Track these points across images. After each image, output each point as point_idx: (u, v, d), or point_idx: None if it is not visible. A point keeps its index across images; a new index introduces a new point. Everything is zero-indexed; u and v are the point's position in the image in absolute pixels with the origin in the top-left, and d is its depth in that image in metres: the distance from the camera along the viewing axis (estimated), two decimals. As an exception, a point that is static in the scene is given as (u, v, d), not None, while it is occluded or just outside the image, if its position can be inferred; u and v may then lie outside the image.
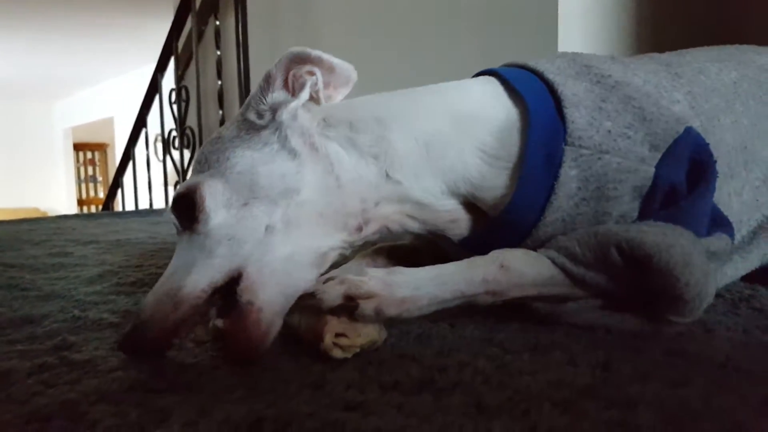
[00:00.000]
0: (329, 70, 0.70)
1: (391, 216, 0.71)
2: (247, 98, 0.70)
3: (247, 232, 0.61)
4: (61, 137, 8.84)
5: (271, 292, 0.59)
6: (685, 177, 0.67)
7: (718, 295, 0.72)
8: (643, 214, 0.67)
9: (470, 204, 0.72)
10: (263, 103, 0.68)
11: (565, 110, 0.68)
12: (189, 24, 3.27)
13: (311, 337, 0.59)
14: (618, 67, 0.74)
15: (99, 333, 0.69)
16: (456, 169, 0.70)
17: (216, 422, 0.45)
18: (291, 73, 0.69)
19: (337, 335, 0.58)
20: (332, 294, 0.60)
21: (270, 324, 0.58)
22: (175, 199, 0.62)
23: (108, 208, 4.33)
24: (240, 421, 0.45)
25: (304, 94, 0.69)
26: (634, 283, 0.63)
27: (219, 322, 0.58)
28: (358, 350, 0.58)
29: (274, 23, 2.98)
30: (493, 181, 0.69)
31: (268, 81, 0.69)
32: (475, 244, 0.73)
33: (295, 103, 0.68)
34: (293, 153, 0.66)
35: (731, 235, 0.70)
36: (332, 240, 0.67)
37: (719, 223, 0.70)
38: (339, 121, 0.70)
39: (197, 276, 0.59)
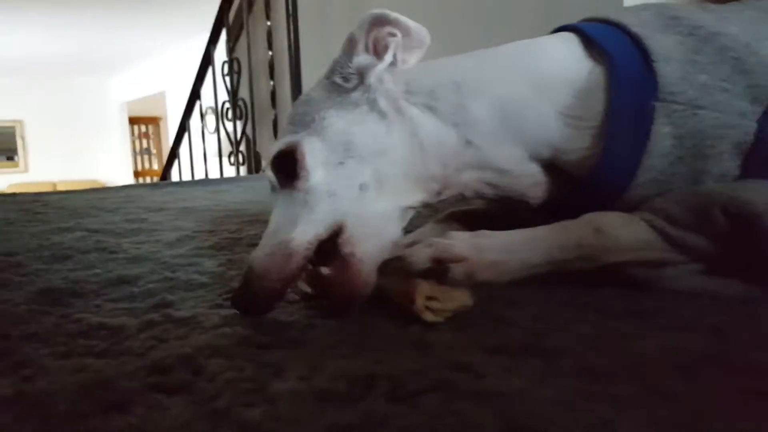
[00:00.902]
0: (405, 32, 0.69)
1: (470, 183, 0.71)
2: (332, 62, 0.70)
3: (345, 188, 0.62)
4: (117, 111, 9.09)
5: (369, 244, 0.60)
6: None
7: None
8: (746, 172, 0.64)
9: (553, 166, 0.70)
10: (349, 67, 0.68)
11: (654, 64, 0.65)
12: (241, -5, 3.28)
13: (402, 300, 0.59)
14: (710, 17, 0.70)
15: (193, 293, 0.71)
16: (537, 134, 0.68)
17: (329, 376, 0.46)
18: (372, 35, 0.69)
19: (428, 298, 0.58)
20: (421, 256, 0.59)
21: (368, 274, 0.59)
22: (275, 157, 0.63)
23: (165, 178, 4.44)
24: (353, 375, 0.45)
25: (389, 57, 0.68)
26: (739, 246, 0.60)
27: (324, 270, 0.59)
28: (450, 314, 0.58)
29: (326, -8, 2.96)
30: (578, 143, 0.67)
31: (351, 44, 0.69)
32: (559, 207, 0.71)
33: (381, 66, 0.68)
34: (382, 115, 0.66)
35: None
36: (414, 199, 0.67)
37: None
38: (420, 88, 0.69)
39: (303, 229, 0.60)
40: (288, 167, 0.62)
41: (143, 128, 9.77)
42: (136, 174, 9.48)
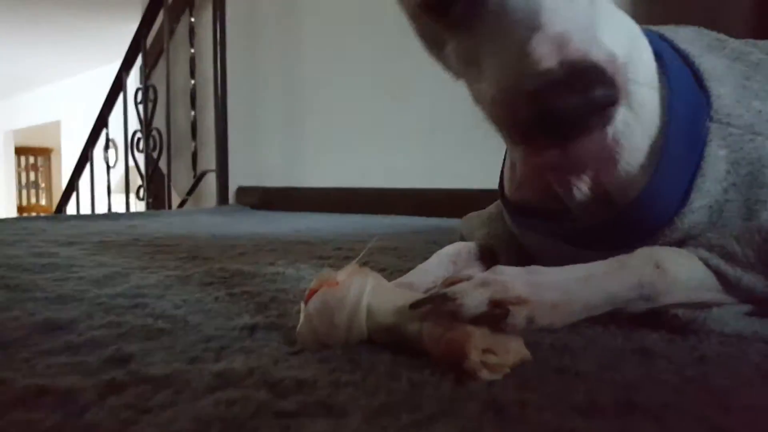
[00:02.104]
0: None
1: None
2: None
3: None
4: (1, 140, 8.32)
5: None
6: None
7: None
8: None
9: (596, 188, 0.62)
10: None
11: (708, 83, 0.60)
12: (159, 21, 3.09)
13: (449, 352, 0.47)
14: (752, 43, 0.67)
15: (157, 342, 0.56)
16: None
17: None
18: None
19: (484, 351, 0.47)
20: (476, 298, 0.48)
21: None
22: None
23: (60, 213, 4.03)
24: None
25: None
26: None
27: None
28: (508, 370, 0.47)
29: (253, 20, 2.85)
30: (629, 159, 0.60)
31: None
32: (590, 238, 0.64)
33: None
34: None
35: None
36: None
37: None
38: None
39: None
40: None
41: (32, 159, 8.98)
42: (20, 209, 8.63)
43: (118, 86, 3.36)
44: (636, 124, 0.60)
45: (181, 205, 3.16)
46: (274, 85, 2.80)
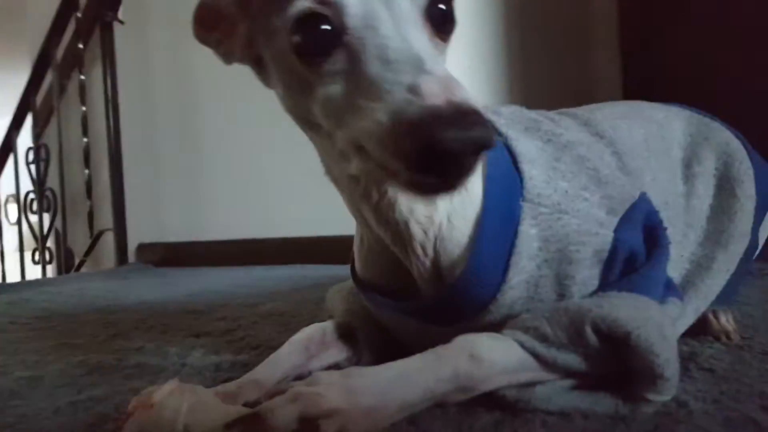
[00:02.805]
0: None
1: None
2: None
3: None
4: None
5: None
6: (642, 243, 0.66)
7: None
8: (605, 282, 0.64)
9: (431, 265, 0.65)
10: None
11: (522, 166, 0.65)
12: (49, 79, 2.98)
13: None
14: (566, 124, 0.73)
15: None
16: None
17: None
18: None
19: None
20: (284, 416, 0.48)
21: None
22: None
23: (-52, 282, 3.75)
24: None
25: None
26: (609, 362, 0.59)
27: None
28: None
29: (146, 74, 2.80)
30: (455, 236, 0.63)
31: None
32: (430, 314, 0.66)
33: None
34: None
35: (680, 296, 0.70)
36: None
37: (668, 286, 0.69)
38: None
39: None
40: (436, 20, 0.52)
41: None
42: None
43: (8, 146, 3.21)
44: (462, 204, 0.63)
45: (79, 266, 3.02)
46: (171, 138, 2.75)
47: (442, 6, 0.53)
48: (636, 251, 0.65)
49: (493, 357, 0.58)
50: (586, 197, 0.65)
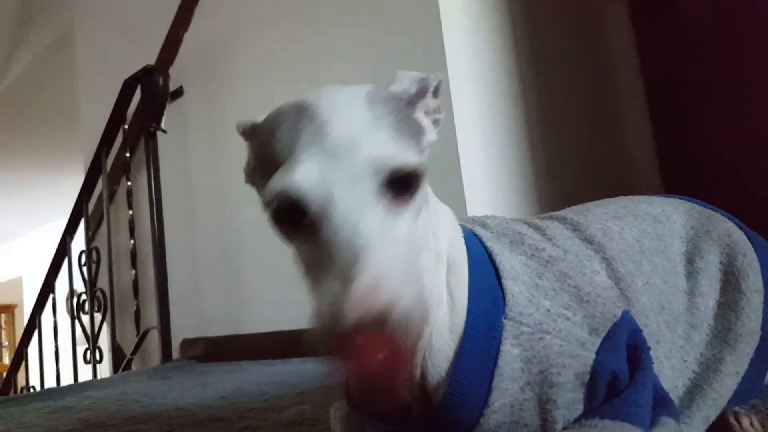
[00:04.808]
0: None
1: None
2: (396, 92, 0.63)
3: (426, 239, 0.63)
4: (-39, 301, 8.18)
5: None
6: (626, 364, 0.64)
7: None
8: (588, 408, 0.62)
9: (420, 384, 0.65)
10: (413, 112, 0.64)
11: (505, 282, 0.65)
12: (100, 185, 3.19)
13: None
14: (545, 237, 0.73)
15: None
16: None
17: None
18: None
19: None
20: None
21: None
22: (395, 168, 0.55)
23: (9, 383, 3.90)
24: None
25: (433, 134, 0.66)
26: None
27: None
28: None
29: (187, 180, 2.96)
30: (441, 350, 0.64)
31: (424, 88, 0.66)
32: None
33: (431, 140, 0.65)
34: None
35: (675, 414, 0.67)
36: None
37: (662, 403, 0.66)
38: None
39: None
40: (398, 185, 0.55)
41: (-6, 318, 8.79)
42: (-17, 370, 8.33)
43: (62, 250, 3.40)
44: (446, 326, 0.64)
45: (128, 364, 3.10)
46: (211, 236, 2.86)
47: (402, 175, 0.55)
48: (619, 374, 0.63)
49: None
50: (568, 316, 0.64)
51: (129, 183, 3.06)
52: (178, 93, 2.99)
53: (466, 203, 1.81)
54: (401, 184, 0.55)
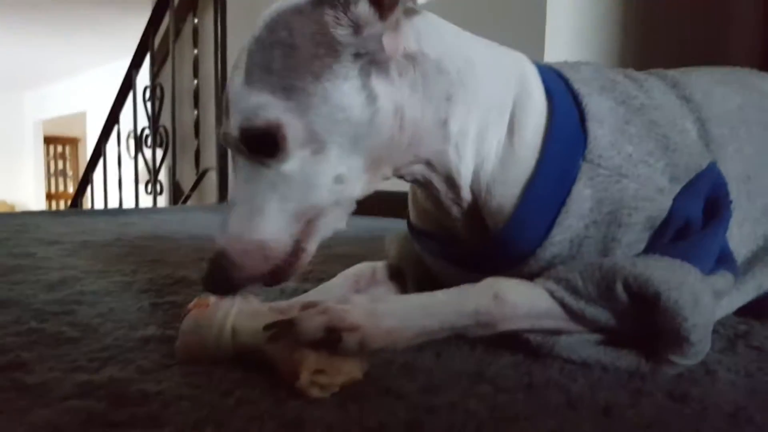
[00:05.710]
0: None
1: (418, 174, 0.66)
2: None
3: (321, 179, 0.58)
4: (31, 130, 8.59)
5: (322, 235, 0.61)
6: (701, 213, 0.64)
7: (713, 330, 0.69)
8: (651, 246, 0.63)
9: (477, 213, 0.67)
10: (345, 16, 0.57)
11: (588, 124, 0.64)
12: (166, 21, 3.19)
13: (287, 371, 0.54)
14: (640, 88, 0.71)
15: (56, 350, 0.63)
16: (485, 159, 0.65)
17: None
18: None
19: (316, 371, 0.53)
20: (313, 325, 0.55)
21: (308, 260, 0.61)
22: (248, 130, 0.57)
23: (77, 204, 4.20)
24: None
25: (392, 19, 0.58)
26: (637, 321, 0.59)
27: None
28: (337, 389, 0.53)
29: (253, 22, 2.92)
30: (504, 188, 0.65)
31: None
32: (472, 261, 0.69)
33: (380, 28, 0.58)
34: (372, 98, 0.58)
35: (735, 271, 0.68)
36: (373, 187, 0.63)
37: (725, 259, 0.67)
38: (430, 50, 0.62)
39: (277, 226, 0.58)
40: (264, 145, 0.57)
41: (60, 148, 9.25)
42: (49, 196, 8.93)
43: (128, 84, 3.49)
44: (512, 159, 0.65)
45: (186, 200, 3.28)
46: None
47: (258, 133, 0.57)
48: (692, 221, 0.63)
49: (517, 300, 0.60)
50: (650, 163, 0.64)
51: (195, 20, 3.05)
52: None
53: (545, 49, 1.75)
54: (261, 140, 0.56)
